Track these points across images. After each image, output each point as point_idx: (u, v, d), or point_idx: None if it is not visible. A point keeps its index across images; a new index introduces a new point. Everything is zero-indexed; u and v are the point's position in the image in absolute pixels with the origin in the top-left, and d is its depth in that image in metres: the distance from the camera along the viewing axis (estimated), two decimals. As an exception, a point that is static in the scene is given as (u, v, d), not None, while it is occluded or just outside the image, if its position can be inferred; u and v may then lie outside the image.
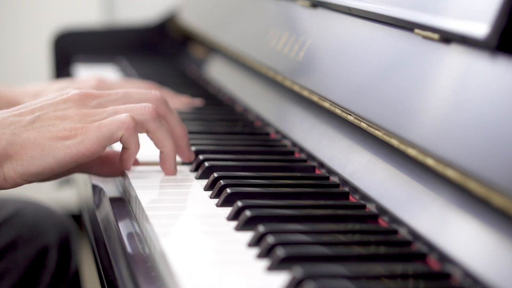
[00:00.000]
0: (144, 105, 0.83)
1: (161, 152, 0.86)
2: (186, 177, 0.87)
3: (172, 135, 0.86)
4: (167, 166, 0.86)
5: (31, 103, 0.83)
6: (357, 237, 0.69)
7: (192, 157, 0.90)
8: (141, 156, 0.88)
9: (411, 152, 0.71)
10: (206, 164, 0.86)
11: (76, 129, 0.80)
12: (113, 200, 0.85)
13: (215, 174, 0.83)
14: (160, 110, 0.86)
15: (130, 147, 0.83)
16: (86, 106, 0.83)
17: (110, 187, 0.89)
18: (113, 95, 0.85)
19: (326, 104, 0.89)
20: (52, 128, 0.80)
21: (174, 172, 0.87)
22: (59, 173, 0.83)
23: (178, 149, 0.88)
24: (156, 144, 0.85)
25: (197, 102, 1.22)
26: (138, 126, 0.82)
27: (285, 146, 0.97)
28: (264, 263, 0.64)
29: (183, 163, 0.92)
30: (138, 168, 0.89)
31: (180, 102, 1.19)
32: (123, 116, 0.81)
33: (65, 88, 1.09)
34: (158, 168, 0.89)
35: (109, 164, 0.88)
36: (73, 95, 0.83)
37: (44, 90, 1.10)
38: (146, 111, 0.83)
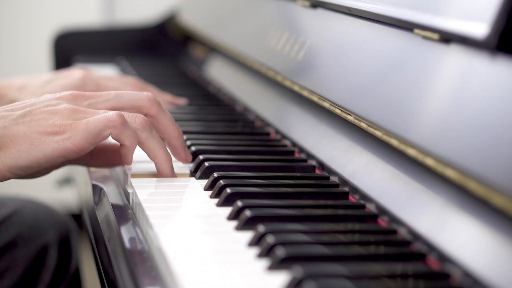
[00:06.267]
0: (135, 115, 0.83)
1: (155, 163, 0.85)
2: (186, 177, 0.87)
3: (166, 136, 0.86)
4: (164, 178, 0.85)
5: (24, 101, 0.83)
6: (357, 237, 0.69)
7: (189, 157, 0.89)
8: (138, 156, 0.88)
9: (411, 152, 0.71)
10: (206, 164, 0.86)
11: (65, 125, 0.80)
12: (112, 200, 0.85)
13: (215, 174, 0.83)
14: (151, 111, 0.85)
15: (124, 143, 0.82)
16: (77, 105, 0.83)
17: (110, 187, 0.89)
18: (105, 95, 0.85)
19: (326, 104, 0.89)
20: (42, 123, 0.80)
21: (169, 174, 0.85)
22: (47, 167, 0.83)
23: (173, 151, 0.88)
24: (148, 155, 0.84)
25: (181, 101, 1.21)
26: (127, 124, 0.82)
27: (285, 146, 0.97)
28: (264, 263, 0.64)
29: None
30: (137, 167, 0.89)
31: (162, 99, 1.18)
32: (111, 113, 0.80)
33: (51, 81, 1.11)
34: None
35: (98, 156, 0.88)
36: (66, 95, 0.84)
37: (29, 83, 1.11)
38: (137, 121, 0.82)
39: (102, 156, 0.88)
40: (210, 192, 0.81)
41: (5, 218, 1.13)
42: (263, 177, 0.84)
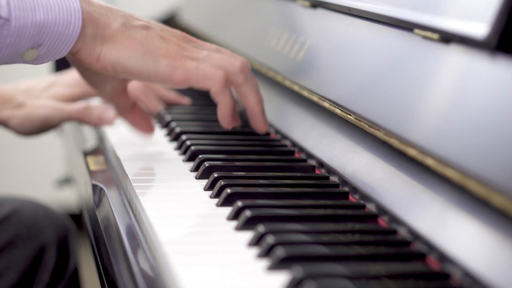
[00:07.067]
0: (234, 58, 0.89)
1: (246, 108, 0.91)
2: (186, 177, 0.87)
3: (245, 103, 0.91)
4: (256, 123, 0.92)
5: (141, 17, 0.89)
6: (357, 237, 0.69)
7: (267, 126, 0.93)
8: (138, 156, 0.88)
9: (411, 152, 0.71)
10: (206, 164, 0.86)
11: (177, 55, 0.86)
12: (113, 200, 0.85)
13: (215, 174, 0.83)
14: (238, 79, 0.89)
15: (220, 102, 0.88)
16: (185, 42, 0.89)
17: (111, 187, 0.89)
18: (208, 45, 0.91)
19: (326, 104, 0.89)
20: (156, 42, 0.86)
21: (264, 128, 0.92)
22: (140, 79, 0.88)
23: (252, 117, 0.92)
24: (241, 99, 0.90)
25: (185, 100, 1.22)
26: (228, 82, 0.88)
27: (285, 146, 0.97)
28: (264, 263, 0.64)
29: (184, 161, 0.92)
30: (138, 167, 0.90)
31: (167, 93, 1.20)
32: (219, 71, 0.86)
33: (53, 83, 1.14)
34: (158, 168, 0.89)
35: (123, 98, 0.95)
36: (177, 31, 0.90)
37: (33, 86, 1.13)
38: (236, 64, 0.88)
39: (125, 101, 0.95)
40: (210, 192, 0.81)
41: (4, 218, 1.13)
42: (263, 177, 0.84)
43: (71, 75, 1.14)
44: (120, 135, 1.06)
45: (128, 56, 0.84)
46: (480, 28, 0.66)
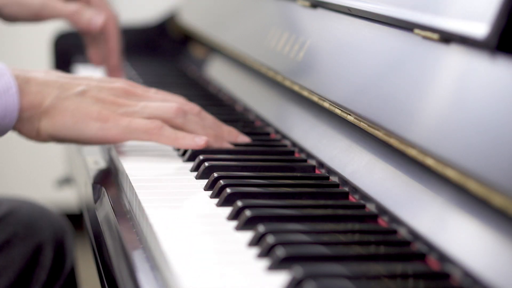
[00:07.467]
0: (169, 104, 0.92)
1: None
2: (186, 176, 0.87)
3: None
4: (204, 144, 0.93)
5: (79, 77, 0.93)
6: (357, 237, 0.69)
7: (247, 139, 0.96)
8: (138, 155, 0.88)
9: (411, 152, 0.71)
10: (206, 164, 0.87)
11: (109, 116, 0.89)
12: (113, 200, 0.85)
13: (215, 174, 0.83)
14: (176, 122, 0.92)
15: (166, 144, 0.91)
16: (125, 96, 0.92)
17: (111, 187, 0.89)
18: (149, 94, 0.94)
19: (326, 104, 0.89)
20: (90, 107, 0.89)
21: (219, 142, 0.94)
22: (77, 144, 0.93)
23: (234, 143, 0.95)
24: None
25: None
26: (167, 124, 0.91)
27: (285, 146, 0.97)
28: (264, 263, 0.64)
29: (184, 161, 0.92)
30: (138, 167, 0.90)
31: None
32: (151, 122, 0.89)
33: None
34: (158, 167, 0.89)
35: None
36: (118, 86, 0.92)
37: None
38: (172, 110, 0.91)
39: None
40: (210, 192, 0.81)
41: (1, 217, 1.13)
42: (263, 177, 0.84)
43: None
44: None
45: (61, 128, 0.89)
46: (480, 28, 0.66)
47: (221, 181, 0.80)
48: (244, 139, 0.97)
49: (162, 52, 1.71)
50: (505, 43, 0.65)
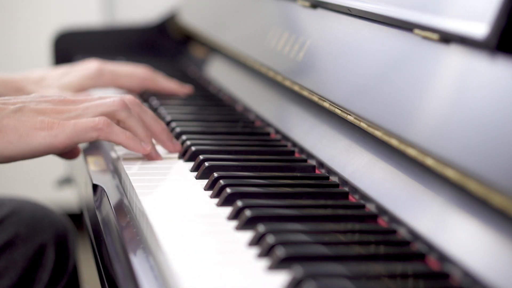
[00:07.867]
0: (112, 98, 0.91)
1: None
2: (186, 177, 0.87)
3: (151, 133, 0.93)
4: (166, 148, 0.94)
5: (15, 97, 0.90)
6: (356, 237, 0.69)
7: (178, 147, 0.95)
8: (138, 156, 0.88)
9: (411, 152, 0.71)
10: (206, 164, 0.87)
11: (53, 123, 0.87)
12: (113, 200, 0.85)
13: (215, 174, 0.83)
14: (134, 111, 0.92)
15: (116, 142, 0.89)
16: (64, 104, 0.91)
17: (111, 187, 0.89)
18: (88, 99, 0.92)
19: (326, 104, 0.89)
20: (31, 119, 0.87)
21: (174, 149, 0.94)
22: (27, 158, 0.90)
23: (161, 143, 0.94)
24: (133, 132, 0.91)
25: (187, 89, 1.27)
26: (113, 121, 0.90)
27: (285, 146, 0.97)
28: (264, 262, 0.64)
29: (184, 161, 0.92)
30: (138, 167, 0.90)
31: (168, 83, 1.27)
32: (97, 118, 0.88)
33: (66, 73, 1.21)
34: (158, 167, 0.89)
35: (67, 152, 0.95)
36: (53, 97, 0.91)
37: (46, 75, 1.18)
38: (115, 103, 0.90)
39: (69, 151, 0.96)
40: (210, 192, 0.81)
41: (3, 218, 1.13)
42: (263, 177, 0.84)
43: (86, 67, 1.22)
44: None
45: (6, 145, 0.86)
46: (480, 28, 0.66)
47: (221, 181, 0.80)
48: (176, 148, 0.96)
49: (162, 52, 1.71)
50: (505, 43, 0.65)
